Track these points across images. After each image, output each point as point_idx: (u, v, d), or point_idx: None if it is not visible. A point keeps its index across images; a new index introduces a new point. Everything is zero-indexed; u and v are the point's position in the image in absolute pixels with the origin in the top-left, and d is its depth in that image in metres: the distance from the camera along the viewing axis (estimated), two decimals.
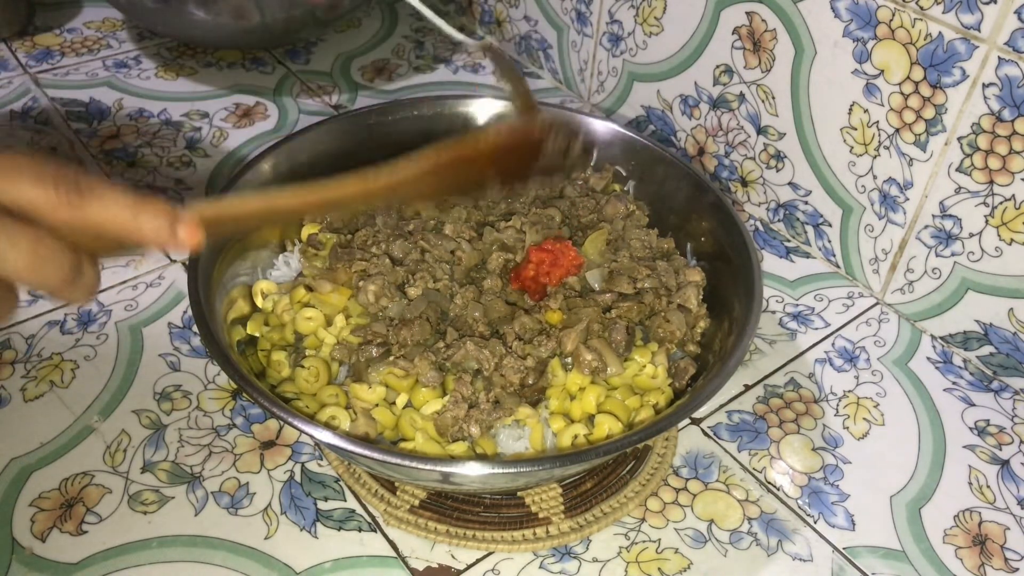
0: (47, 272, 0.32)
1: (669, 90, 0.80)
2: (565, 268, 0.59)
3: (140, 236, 0.34)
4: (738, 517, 0.55)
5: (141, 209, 0.33)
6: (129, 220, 0.33)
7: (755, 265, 0.56)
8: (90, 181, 0.33)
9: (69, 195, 0.32)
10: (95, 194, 0.33)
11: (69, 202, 0.32)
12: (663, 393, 0.55)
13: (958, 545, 0.54)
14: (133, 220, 0.33)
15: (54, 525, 0.51)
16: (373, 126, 0.68)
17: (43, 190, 0.32)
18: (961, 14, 0.56)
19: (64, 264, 0.33)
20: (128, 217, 0.33)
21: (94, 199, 0.33)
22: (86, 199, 0.33)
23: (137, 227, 0.33)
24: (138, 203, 0.34)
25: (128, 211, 0.33)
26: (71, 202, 0.32)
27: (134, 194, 0.34)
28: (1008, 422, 0.61)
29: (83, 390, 0.59)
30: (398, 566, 0.51)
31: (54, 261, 0.32)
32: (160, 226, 0.34)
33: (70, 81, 0.88)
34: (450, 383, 0.53)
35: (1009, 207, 0.59)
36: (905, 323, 0.68)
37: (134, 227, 0.33)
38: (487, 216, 0.64)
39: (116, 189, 0.33)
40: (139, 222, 0.33)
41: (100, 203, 0.33)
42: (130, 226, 0.33)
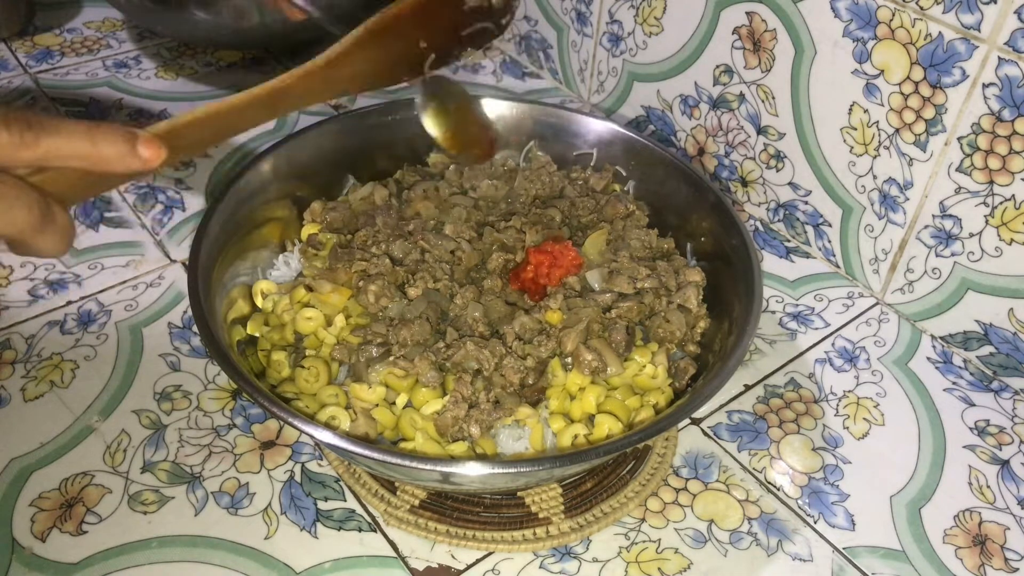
0: (15, 215, 0.32)
1: (669, 90, 0.80)
2: (565, 268, 0.59)
3: (102, 161, 0.33)
4: (738, 517, 0.55)
5: (98, 135, 0.33)
6: (88, 147, 0.33)
7: (755, 265, 0.56)
8: (41, 118, 0.32)
9: (22, 133, 0.32)
10: (48, 129, 0.32)
11: (23, 140, 0.32)
12: (663, 393, 0.55)
13: (958, 545, 0.54)
14: (92, 146, 0.33)
15: (54, 525, 0.51)
16: (373, 126, 0.68)
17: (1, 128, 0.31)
18: (961, 14, 0.56)
19: (31, 204, 0.32)
20: (87, 145, 0.33)
21: (48, 133, 0.32)
22: (40, 135, 0.32)
23: (97, 152, 0.33)
24: (94, 129, 0.33)
25: (85, 139, 0.33)
26: (24, 140, 0.32)
27: (92, 126, 0.33)
28: (1008, 422, 0.61)
29: (83, 390, 0.59)
30: (398, 566, 0.51)
31: (20, 201, 0.32)
32: (120, 147, 0.34)
33: (70, 81, 0.88)
34: (450, 383, 0.53)
35: (1009, 207, 0.59)
36: (905, 323, 0.68)
37: (94, 153, 0.33)
38: (487, 216, 0.64)
39: (69, 121, 0.33)
40: (98, 147, 0.33)
41: (55, 136, 0.32)
42: (90, 153, 0.33)
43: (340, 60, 0.42)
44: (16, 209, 0.32)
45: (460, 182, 0.67)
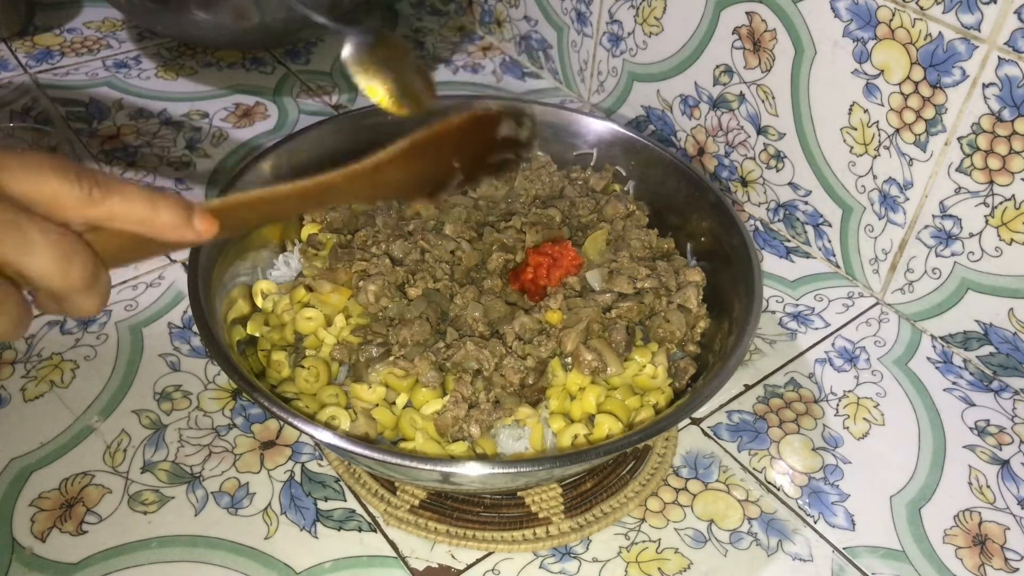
0: (73, 271, 0.32)
1: (669, 90, 0.80)
2: (565, 269, 0.59)
3: (159, 228, 0.34)
4: (738, 517, 0.55)
5: (159, 202, 0.34)
6: (148, 212, 0.34)
7: (755, 265, 0.56)
8: (109, 178, 0.33)
9: (91, 189, 0.33)
10: (114, 189, 0.33)
11: (91, 196, 0.33)
12: (663, 393, 0.55)
13: (958, 545, 0.54)
14: (152, 212, 0.34)
15: (54, 525, 0.51)
16: (373, 126, 0.67)
17: (66, 184, 0.32)
18: (961, 14, 0.56)
19: (88, 263, 0.33)
20: (147, 210, 0.34)
21: (114, 193, 0.33)
22: (106, 193, 0.33)
23: (156, 218, 0.34)
24: (155, 196, 0.34)
25: (147, 204, 0.34)
26: (92, 196, 0.33)
27: (150, 190, 0.34)
28: (1008, 422, 0.61)
29: (83, 390, 0.59)
30: (398, 566, 0.51)
31: (79, 259, 0.33)
32: (177, 217, 0.35)
33: (70, 81, 0.88)
34: (450, 383, 0.53)
35: (1009, 207, 0.59)
36: (905, 323, 0.68)
37: (153, 218, 0.34)
38: (487, 216, 0.64)
39: (134, 185, 0.34)
40: (157, 213, 0.34)
41: (120, 197, 0.33)
42: (149, 218, 0.34)
43: (384, 167, 0.44)
44: (76, 265, 0.33)
45: None
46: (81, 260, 0.33)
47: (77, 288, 0.33)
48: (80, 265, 0.33)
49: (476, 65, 0.97)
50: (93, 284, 0.34)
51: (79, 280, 0.33)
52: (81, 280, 0.33)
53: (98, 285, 0.34)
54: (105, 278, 0.35)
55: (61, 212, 0.33)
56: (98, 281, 0.34)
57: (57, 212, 0.33)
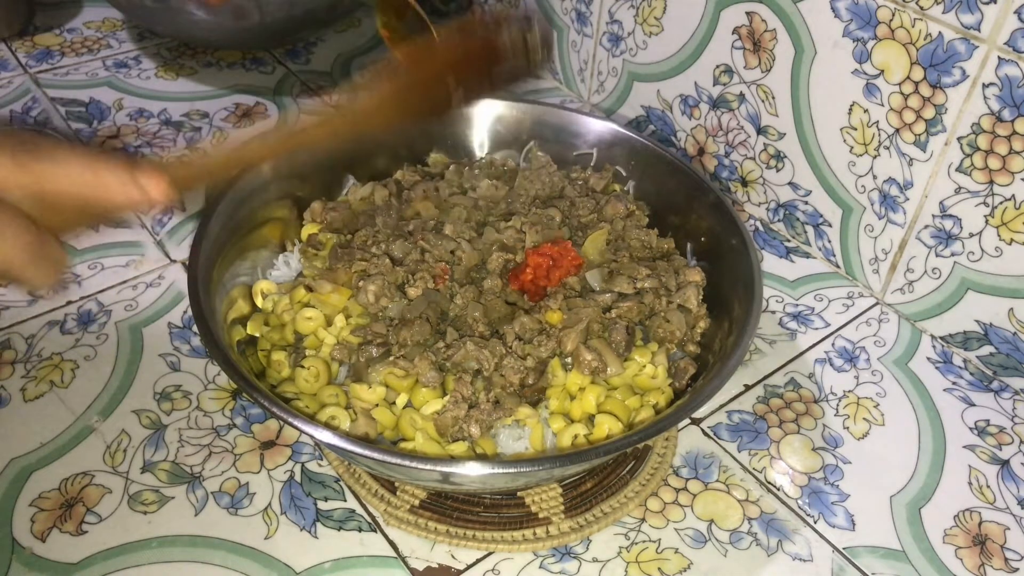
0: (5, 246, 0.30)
1: (669, 90, 0.80)
2: (564, 269, 0.59)
3: (104, 194, 0.32)
4: (738, 517, 0.55)
5: (99, 162, 0.32)
6: (90, 179, 0.32)
7: (755, 265, 0.56)
8: (46, 144, 0.31)
9: (25, 160, 0.30)
10: (52, 157, 0.31)
11: (24, 167, 0.30)
12: (663, 393, 0.55)
13: (958, 545, 0.54)
14: (94, 178, 0.32)
15: (54, 525, 0.51)
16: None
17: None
18: (961, 14, 0.56)
19: (23, 235, 0.31)
20: (89, 177, 0.32)
21: (50, 162, 0.31)
22: (43, 163, 0.31)
23: (99, 184, 0.32)
24: (97, 160, 0.32)
25: (88, 170, 0.31)
26: (26, 167, 0.30)
27: (93, 153, 0.32)
28: (1008, 422, 0.61)
29: (83, 390, 0.59)
30: (398, 566, 0.51)
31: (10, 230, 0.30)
32: (124, 180, 0.32)
33: (70, 81, 0.88)
34: (450, 383, 0.53)
35: (1009, 207, 0.59)
36: (905, 323, 0.68)
37: (96, 185, 0.32)
38: (487, 216, 0.64)
39: (74, 150, 0.32)
40: (101, 179, 0.32)
41: (58, 165, 0.31)
42: (92, 185, 0.32)
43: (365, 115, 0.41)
44: (8, 241, 0.30)
45: (460, 182, 0.67)
46: (13, 232, 0.30)
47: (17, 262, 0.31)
48: (15, 238, 0.30)
49: None
50: (36, 255, 0.31)
51: (15, 254, 0.31)
52: (17, 253, 0.31)
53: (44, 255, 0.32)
54: (55, 249, 0.32)
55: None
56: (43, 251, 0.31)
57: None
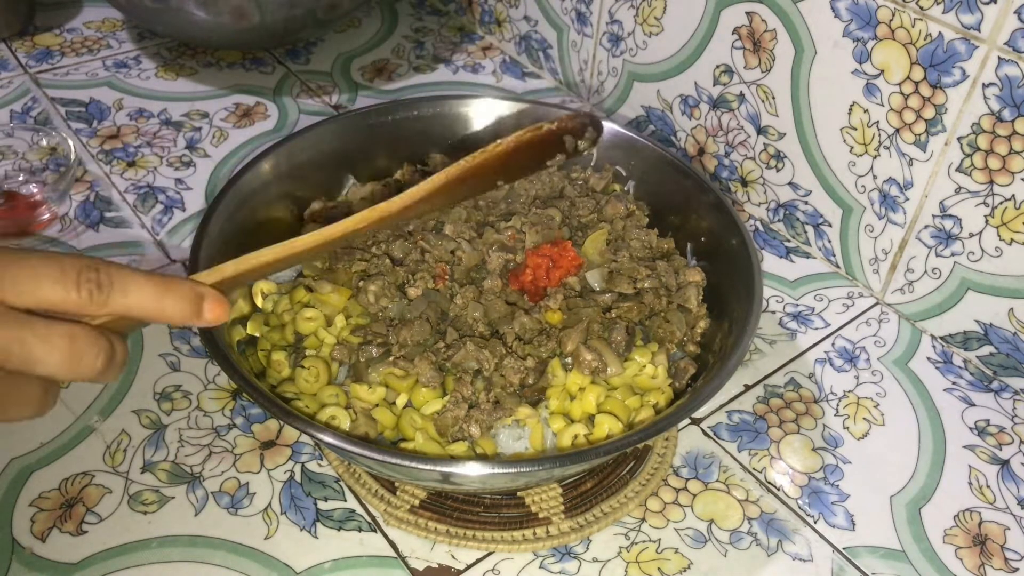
0: (84, 365, 0.33)
1: (669, 90, 0.80)
2: (564, 269, 0.59)
3: (166, 319, 0.35)
4: (738, 517, 0.55)
5: (165, 294, 0.34)
6: (154, 307, 0.34)
7: (755, 265, 0.56)
8: (111, 273, 0.33)
9: (91, 293, 0.33)
10: (116, 287, 0.33)
11: (91, 299, 0.33)
12: (663, 393, 0.55)
13: (958, 545, 0.54)
14: (157, 306, 0.34)
15: (54, 525, 0.51)
16: (373, 126, 0.68)
17: (64, 290, 0.32)
18: (961, 14, 0.56)
19: (100, 353, 0.33)
20: (152, 304, 0.34)
21: (116, 292, 0.33)
22: (108, 293, 0.33)
23: (161, 311, 0.34)
24: (161, 289, 0.34)
25: (152, 299, 0.34)
26: (94, 299, 0.33)
27: (156, 280, 0.34)
28: (1008, 422, 0.61)
29: (83, 390, 0.59)
30: (398, 566, 0.51)
31: (90, 353, 0.33)
32: (186, 309, 0.35)
33: (70, 81, 0.88)
34: (450, 383, 0.53)
35: (1009, 207, 0.59)
36: (905, 323, 0.68)
37: (159, 312, 0.34)
38: (487, 216, 0.64)
39: (138, 278, 0.34)
40: (163, 307, 0.34)
41: (123, 295, 0.33)
42: (155, 312, 0.34)
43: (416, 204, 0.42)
44: (86, 360, 0.33)
45: None
46: (93, 353, 0.33)
47: (91, 375, 0.33)
48: (91, 358, 0.33)
49: (476, 65, 0.97)
50: (108, 365, 0.34)
51: (91, 371, 0.33)
52: (93, 369, 0.33)
53: (115, 362, 0.34)
54: (121, 351, 0.35)
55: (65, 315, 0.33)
56: (114, 359, 0.34)
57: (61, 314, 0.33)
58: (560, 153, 0.43)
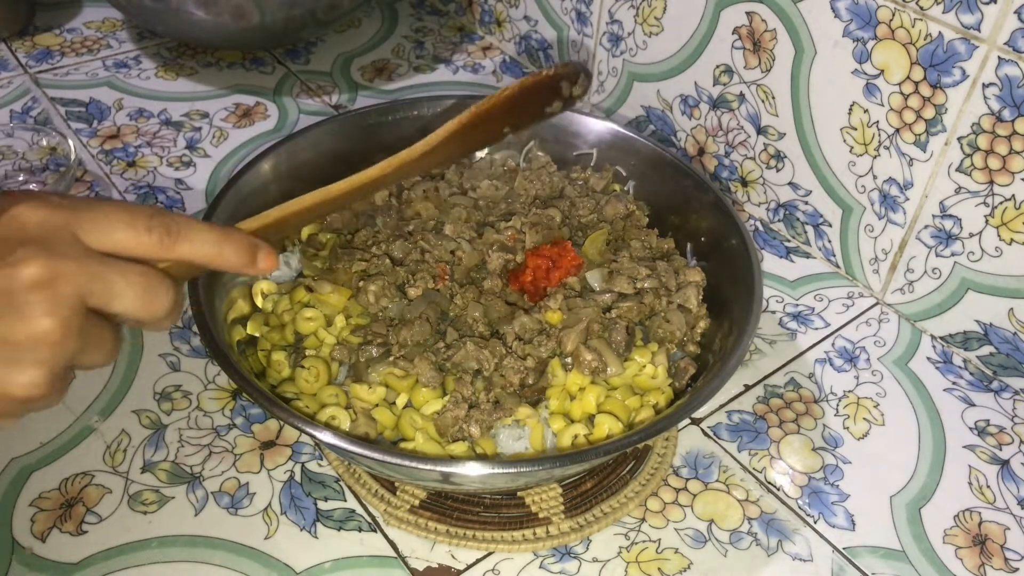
0: (157, 304, 0.35)
1: (669, 90, 0.80)
2: (564, 270, 0.59)
3: (226, 267, 0.38)
4: (738, 517, 0.55)
5: (224, 242, 0.38)
6: (214, 253, 0.37)
7: (755, 265, 0.56)
8: (176, 221, 0.36)
9: (161, 237, 0.35)
10: (183, 235, 0.36)
11: (161, 243, 0.35)
12: (663, 393, 0.55)
13: (958, 545, 0.54)
14: (218, 252, 0.37)
15: (54, 525, 0.51)
16: (373, 126, 0.68)
17: (136, 234, 0.35)
18: (961, 14, 0.56)
19: (170, 291, 0.36)
20: (214, 252, 0.37)
21: (182, 239, 0.36)
22: (176, 240, 0.36)
23: (221, 257, 0.37)
24: (222, 240, 0.37)
25: (213, 246, 0.37)
26: (163, 244, 0.35)
27: (217, 229, 0.38)
28: (1008, 422, 0.61)
29: (83, 390, 0.59)
30: (398, 566, 0.51)
31: (161, 290, 0.35)
32: (243, 259, 0.38)
33: (70, 81, 0.88)
34: (450, 383, 0.53)
35: (1009, 207, 0.59)
36: (905, 323, 0.68)
37: (218, 258, 0.37)
38: (487, 216, 0.64)
39: (201, 227, 0.37)
40: (223, 253, 0.37)
41: (189, 243, 0.36)
42: (215, 258, 0.37)
43: (435, 150, 0.46)
44: (160, 299, 0.35)
45: (460, 182, 0.67)
46: (163, 292, 0.35)
47: (161, 313, 0.36)
48: (163, 297, 0.35)
49: (476, 65, 0.97)
50: (175, 306, 0.36)
51: (162, 310, 0.36)
52: (164, 310, 0.36)
53: (178, 305, 0.37)
54: (182, 297, 0.38)
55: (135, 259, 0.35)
56: (178, 304, 0.37)
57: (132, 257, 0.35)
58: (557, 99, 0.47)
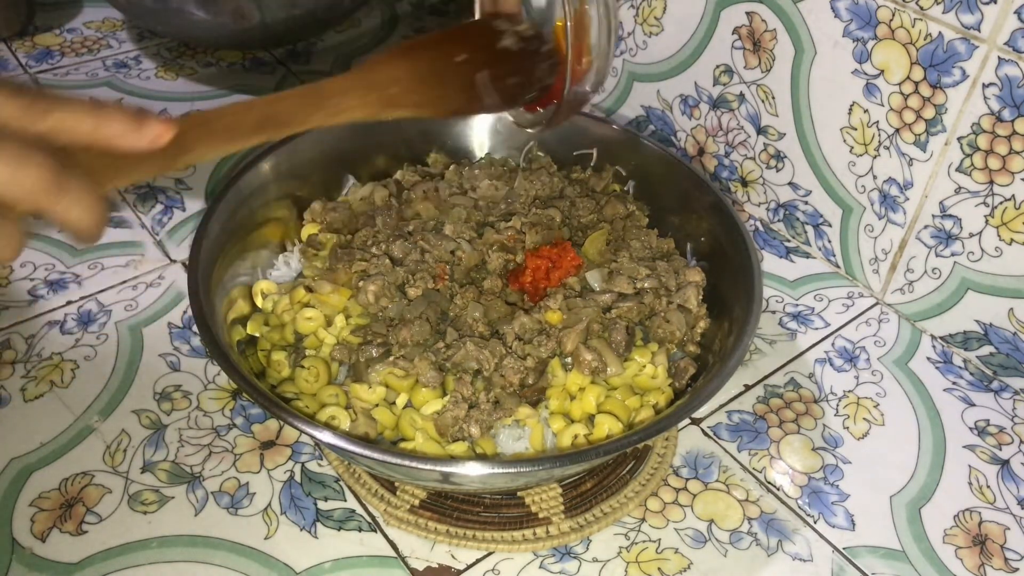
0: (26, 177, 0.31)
1: (669, 90, 0.80)
2: (564, 270, 0.59)
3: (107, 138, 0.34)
4: (738, 517, 0.55)
5: (103, 112, 0.34)
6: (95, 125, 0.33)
7: (755, 265, 0.56)
8: (50, 94, 0.33)
9: (31, 102, 0.32)
10: (56, 103, 0.33)
11: (30, 111, 0.32)
12: (663, 393, 0.55)
13: (958, 545, 0.54)
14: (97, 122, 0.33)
15: (54, 525, 0.51)
16: (373, 126, 0.67)
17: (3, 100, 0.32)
18: (961, 14, 0.56)
19: (44, 165, 0.32)
20: (91, 120, 0.33)
21: (56, 107, 0.33)
22: (49, 106, 0.32)
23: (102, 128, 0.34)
24: (100, 106, 0.34)
25: (90, 115, 0.33)
26: (32, 111, 0.32)
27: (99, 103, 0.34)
28: (1008, 422, 0.61)
29: (83, 390, 0.59)
30: (398, 566, 0.51)
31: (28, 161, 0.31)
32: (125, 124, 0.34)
33: (70, 81, 0.88)
34: (450, 383, 0.53)
35: (1009, 207, 0.59)
36: (905, 323, 0.68)
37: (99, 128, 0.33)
38: (487, 216, 0.64)
39: (77, 99, 0.33)
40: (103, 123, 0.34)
41: (63, 110, 0.33)
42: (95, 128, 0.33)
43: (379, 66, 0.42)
44: (24, 168, 0.31)
45: (460, 182, 0.67)
46: (35, 164, 0.31)
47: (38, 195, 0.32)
48: (36, 169, 0.31)
49: None
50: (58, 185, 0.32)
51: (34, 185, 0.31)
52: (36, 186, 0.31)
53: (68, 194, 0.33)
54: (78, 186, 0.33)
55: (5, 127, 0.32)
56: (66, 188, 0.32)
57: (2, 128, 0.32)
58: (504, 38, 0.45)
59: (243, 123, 0.38)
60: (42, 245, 0.70)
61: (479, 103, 0.46)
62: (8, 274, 0.67)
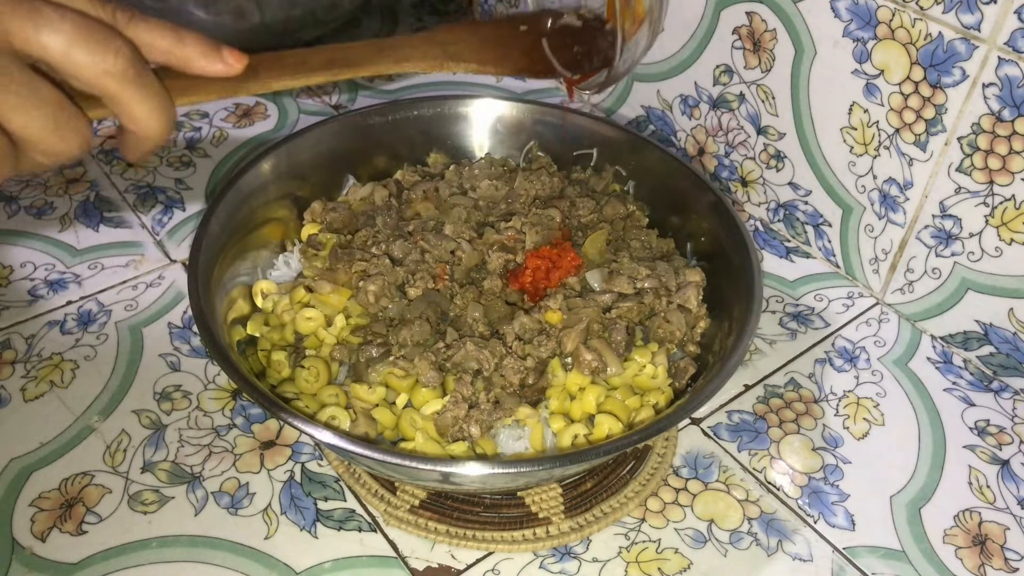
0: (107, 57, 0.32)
1: (669, 90, 0.80)
2: (564, 270, 0.59)
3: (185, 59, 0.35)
4: (738, 517, 0.55)
5: (185, 34, 0.35)
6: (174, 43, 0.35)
7: (755, 265, 0.56)
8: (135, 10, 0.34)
9: (115, 13, 0.33)
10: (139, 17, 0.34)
11: (115, 19, 0.33)
12: (663, 393, 0.55)
13: (958, 545, 0.54)
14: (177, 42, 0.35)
15: (54, 525, 0.51)
16: (373, 126, 0.68)
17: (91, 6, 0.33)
18: (961, 14, 0.56)
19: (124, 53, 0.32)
20: (173, 40, 0.35)
21: (139, 21, 0.34)
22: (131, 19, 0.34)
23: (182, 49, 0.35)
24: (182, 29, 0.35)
25: (172, 34, 0.35)
26: (117, 20, 0.33)
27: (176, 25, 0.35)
28: (1008, 422, 0.61)
29: (83, 390, 0.59)
30: (398, 566, 0.51)
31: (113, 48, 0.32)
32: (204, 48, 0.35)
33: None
34: (450, 383, 0.53)
35: (1009, 207, 0.59)
36: (905, 323, 0.68)
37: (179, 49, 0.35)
38: (487, 216, 0.64)
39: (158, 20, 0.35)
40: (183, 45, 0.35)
41: (145, 25, 0.34)
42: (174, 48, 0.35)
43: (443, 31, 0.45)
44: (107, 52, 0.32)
45: (460, 182, 0.67)
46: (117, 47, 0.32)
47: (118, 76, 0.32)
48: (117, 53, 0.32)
49: None
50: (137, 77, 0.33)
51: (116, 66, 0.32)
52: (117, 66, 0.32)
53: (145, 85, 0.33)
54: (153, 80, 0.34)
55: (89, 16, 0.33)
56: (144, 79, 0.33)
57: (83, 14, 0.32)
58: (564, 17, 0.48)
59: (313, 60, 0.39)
60: (42, 245, 0.70)
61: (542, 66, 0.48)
62: (8, 274, 0.67)
